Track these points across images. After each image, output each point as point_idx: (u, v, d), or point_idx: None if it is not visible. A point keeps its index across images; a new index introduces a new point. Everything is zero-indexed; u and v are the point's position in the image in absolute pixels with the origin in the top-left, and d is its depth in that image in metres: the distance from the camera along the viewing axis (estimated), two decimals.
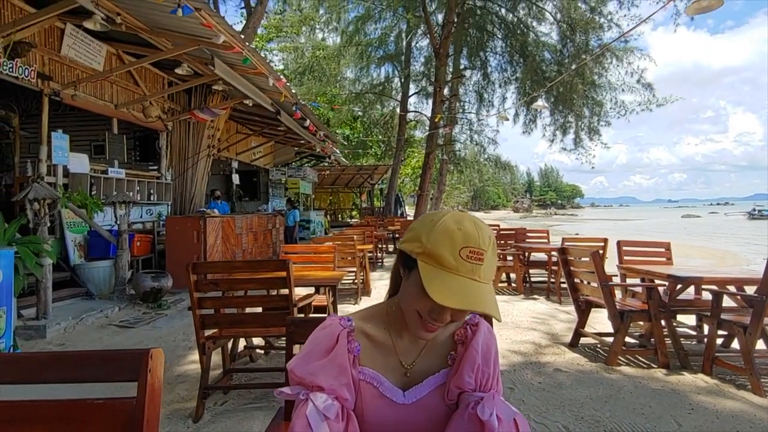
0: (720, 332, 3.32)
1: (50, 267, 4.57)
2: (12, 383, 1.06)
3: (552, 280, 6.07)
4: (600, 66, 15.83)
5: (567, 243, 5.88)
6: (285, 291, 2.73)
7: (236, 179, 12.49)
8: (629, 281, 4.27)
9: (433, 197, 18.67)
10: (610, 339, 3.52)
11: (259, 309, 3.09)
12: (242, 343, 3.52)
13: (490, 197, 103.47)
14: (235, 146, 12.08)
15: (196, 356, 3.43)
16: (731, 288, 3.55)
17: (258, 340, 3.72)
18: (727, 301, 3.35)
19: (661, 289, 3.61)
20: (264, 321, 2.76)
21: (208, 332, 2.75)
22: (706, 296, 3.70)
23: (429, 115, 17.81)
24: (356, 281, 6.09)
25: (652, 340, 3.49)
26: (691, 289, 3.96)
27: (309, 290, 3.83)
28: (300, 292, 3.71)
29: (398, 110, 20.21)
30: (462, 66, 18.86)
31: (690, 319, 4.16)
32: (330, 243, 4.91)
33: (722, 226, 36.32)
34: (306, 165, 18.49)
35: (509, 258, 6.76)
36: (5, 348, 3.34)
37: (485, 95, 19.14)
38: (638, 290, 4.12)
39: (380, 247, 9.80)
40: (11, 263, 3.65)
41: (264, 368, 3.36)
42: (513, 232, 7.54)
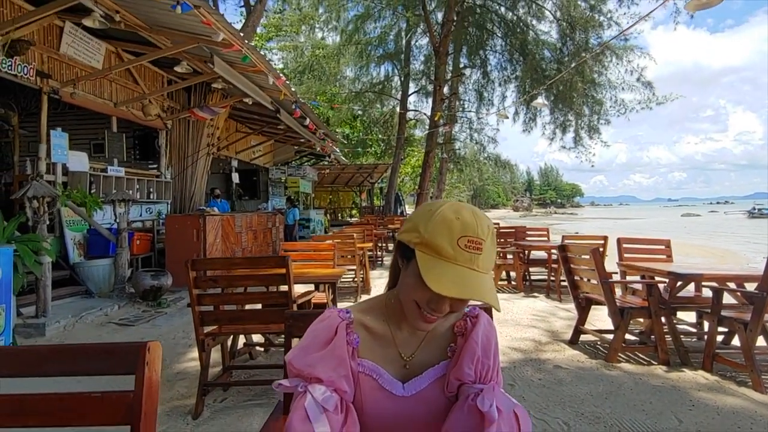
0: (720, 329, 3.32)
1: (49, 265, 4.57)
2: (10, 376, 1.05)
3: (552, 278, 6.07)
4: (600, 64, 15.83)
5: (567, 241, 5.88)
6: (284, 288, 2.73)
7: (236, 178, 12.47)
8: (629, 278, 4.27)
9: (433, 196, 18.66)
10: (610, 336, 3.52)
11: (259, 306, 3.09)
12: (242, 341, 3.51)
13: (490, 196, 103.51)
14: (235, 145, 12.06)
15: (196, 354, 3.43)
16: (731, 285, 3.55)
17: (257, 338, 3.72)
18: (727, 299, 3.35)
19: (662, 286, 3.60)
20: (263, 318, 2.76)
21: (208, 329, 2.74)
22: (706, 294, 3.70)
23: (429, 114, 17.81)
24: (356, 279, 6.09)
25: (653, 337, 3.49)
26: (691, 287, 3.96)
27: (309, 287, 3.83)
28: (300, 290, 3.71)
29: (398, 109, 20.20)
30: (462, 64, 18.86)
31: (690, 317, 4.16)
32: (330, 241, 4.91)
33: (722, 225, 36.28)
34: (306, 164, 18.47)
35: (509, 256, 6.76)
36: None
37: (485, 94, 19.18)
38: (638, 287, 4.11)
39: (380, 246, 9.80)
40: (10, 261, 3.64)
41: (263, 365, 3.36)
42: (513, 231, 7.53)
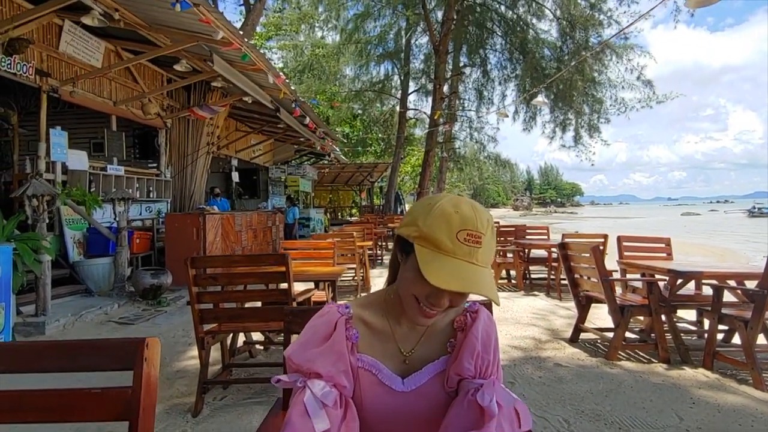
0: (720, 327, 3.31)
1: (49, 264, 4.56)
2: (8, 372, 1.05)
3: (552, 277, 6.07)
4: (600, 63, 15.83)
5: (567, 239, 5.87)
6: (284, 286, 2.72)
7: (236, 177, 12.46)
8: (629, 276, 4.26)
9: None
10: (611, 334, 3.51)
11: (258, 304, 3.08)
12: (241, 339, 3.51)
13: (490, 195, 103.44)
14: (235, 144, 12.05)
15: (196, 352, 3.43)
16: (732, 283, 3.55)
17: (257, 336, 3.71)
18: (727, 297, 3.34)
19: (662, 284, 3.60)
20: (263, 315, 2.75)
21: (207, 327, 2.74)
22: (707, 292, 3.70)
23: (429, 113, 17.79)
24: (356, 278, 6.09)
25: (653, 335, 3.48)
26: (692, 285, 3.96)
27: (309, 286, 3.83)
28: (299, 288, 3.70)
29: (398, 108, 20.17)
30: (462, 63, 18.85)
31: (690, 315, 4.16)
32: (330, 239, 4.90)
33: (722, 224, 36.25)
34: (306, 163, 18.46)
35: (509, 255, 6.75)
36: None
37: (485, 93, 19.15)
38: (638, 286, 4.11)
39: (380, 245, 9.79)
40: (9, 259, 3.64)
41: (263, 363, 3.36)
42: (513, 229, 7.52)
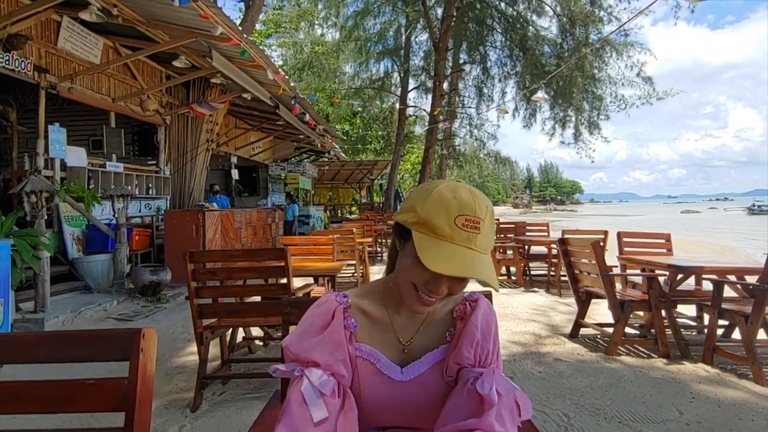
0: (720, 322, 3.31)
1: (48, 260, 4.55)
2: (4, 363, 1.04)
3: (552, 273, 6.06)
4: (600, 60, 15.80)
5: (568, 235, 5.86)
6: (283, 280, 2.71)
7: (235, 174, 12.45)
8: (629, 272, 4.26)
9: None
10: (610, 329, 3.51)
11: (257, 298, 3.07)
12: (241, 335, 3.50)
13: (490, 193, 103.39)
14: (234, 141, 12.04)
15: (195, 348, 3.42)
16: (732, 278, 3.54)
17: (257, 332, 3.70)
18: (727, 293, 3.33)
19: (662, 279, 3.59)
20: (262, 310, 2.74)
21: (206, 322, 2.73)
22: (707, 287, 3.69)
23: (428, 110, 17.76)
24: (356, 274, 6.08)
25: (653, 331, 3.48)
26: (692, 280, 3.95)
27: (308, 281, 3.82)
28: (299, 283, 3.69)
29: (397, 105, 20.14)
30: (461, 60, 18.81)
31: (690, 310, 4.15)
32: (329, 235, 4.89)
33: (722, 222, 36.24)
34: (305, 160, 18.43)
35: (509, 251, 6.74)
36: None
37: (485, 90, 19.13)
38: (638, 281, 4.10)
39: (380, 242, 9.78)
40: (8, 255, 3.63)
41: (262, 359, 3.35)
42: (513, 226, 7.52)
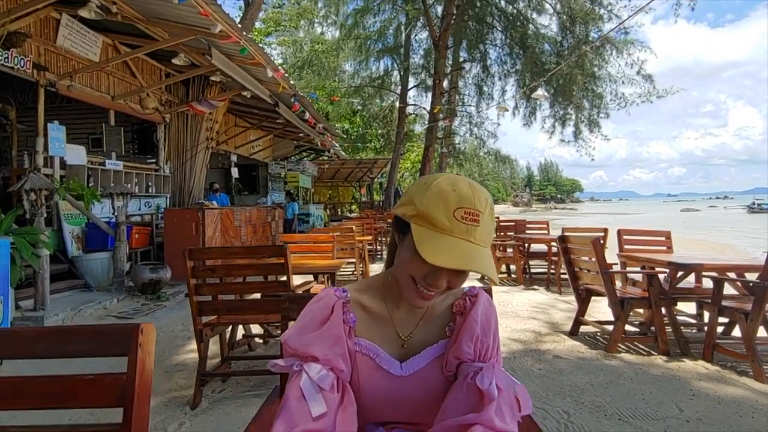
0: (720, 319, 3.30)
1: (47, 258, 4.54)
2: (2, 358, 1.03)
3: (552, 271, 6.05)
4: (600, 58, 15.78)
5: (568, 232, 5.85)
6: (283, 278, 2.71)
7: (235, 173, 12.43)
8: (629, 269, 4.25)
9: None
10: (610, 327, 3.50)
11: (257, 296, 3.07)
12: (240, 333, 3.49)
13: (490, 191, 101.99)
14: (234, 139, 12.02)
15: (195, 346, 3.41)
16: (732, 275, 3.53)
17: (256, 329, 3.70)
18: (727, 290, 3.33)
19: (662, 277, 3.59)
20: (262, 307, 2.74)
21: (206, 319, 2.73)
22: (707, 285, 3.69)
23: (428, 108, 17.74)
24: (355, 272, 6.08)
25: (653, 328, 3.47)
26: (692, 278, 3.95)
27: (308, 278, 3.81)
28: (299, 281, 3.69)
29: (397, 103, 20.11)
30: (461, 58, 18.78)
31: (690, 308, 4.14)
32: (329, 233, 4.89)
33: (721, 220, 36.22)
34: (305, 159, 18.41)
35: (509, 249, 6.74)
36: None
37: (485, 88, 19.09)
38: (638, 279, 4.10)
39: (380, 240, 9.77)
40: (7, 253, 3.63)
41: (262, 356, 3.35)
42: (513, 224, 7.52)
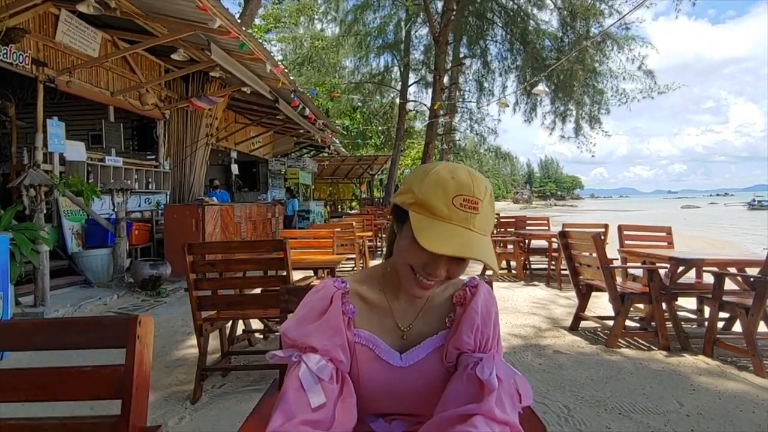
0: (721, 315, 3.30)
1: (47, 254, 4.54)
2: (2, 350, 1.03)
3: (552, 267, 6.05)
4: (601, 53, 15.70)
5: (568, 228, 5.85)
6: (283, 272, 2.70)
7: (235, 169, 12.40)
8: (630, 264, 4.24)
9: None
10: (611, 322, 3.50)
11: (257, 291, 3.07)
12: (240, 328, 3.49)
13: None
14: (234, 136, 12.00)
15: (195, 341, 3.41)
16: (732, 270, 3.53)
17: (256, 325, 3.70)
18: (728, 286, 3.32)
19: (662, 272, 3.58)
20: (262, 302, 2.73)
21: (206, 314, 2.72)
22: (707, 280, 3.68)
23: (429, 105, 17.69)
24: (356, 268, 6.08)
25: (653, 323, 3.47)
26: (692, 273, 3.94)
27: (308, 274, 3.81)
28: (299, 277, 3.68)
29: (398, 100, 20.04)
30: (462, 54, 18.68)
31: (690, 303, 4.14)
32: (329, 229, 4.88)
33: (722, 217, 36.18)
34: (305, 155, 18.39)
35: (509, 245, 6.73)
36: None
37: (485, 84, 18.99)
38: (639, 274, 4.09)
39: (380, 236, 9.76)
40: (7, 249, 3.62)
41: (262, 351, 3.34)
42: (513, 220, 7.51)
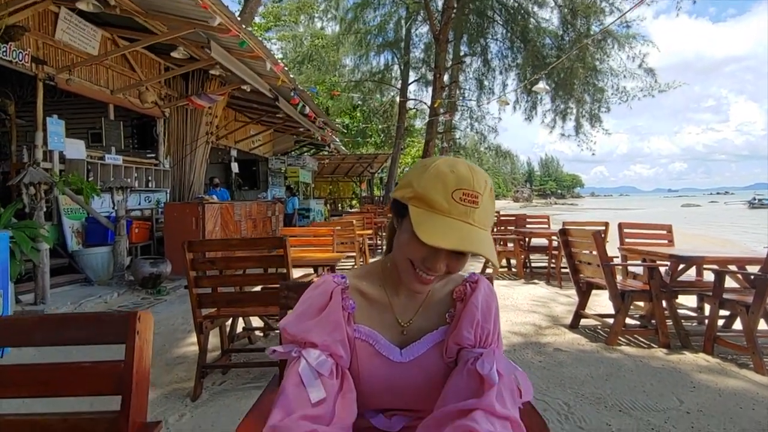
0: (721, 312, 3.30)
1: (47, 252, 4.54)
2: (3, 346, 1.03)
3: (552, 265, 6.05)
4: (601, 51, 15.67)
5: (568, 226, 5.84)
6: (283, 270, 2.70)
7: (235, 168, 12.39)
8: (630, 262, 4.24)
9: None
10: (611, 320, 3.50)
11: (257, 288, 3.07)
12: (240, 326, 3.49)
13: None
14: (234, 134, 11.98)
15: (195, 339, 3.41)
16: (733, 268, 3.52)
17: (256, 323, 3.70)
18: (728, 284, 3.32)
19: (663, 270, 3.58)
20: (262, 299, 2.73)
21: (206, 312, 2.72)
22: (708, 278, 3.68)
23: (429, 103, 17.67)
24: (356, 266, 6.08)
25: (653, 321, 3.47)
26: (692, 271, 3.94)
27: (308, 271, 3.81)
28: (299, 274, 3.67)
29: (398, 98, 20.02)
30: (462, 52, 18.66)
31: (690, 301, 4.14)
32: (329, 227, 4.88)
33: (722, 215, 36.18)
34: (305, 154, 18.37)
35: (510, 243, 6.73)
36: None
37: (485, 82, 18.96)
38: (639, 272, 4.09)
39: (380, 234, 9.76)
40: (6, 247, 3.62)
41: (262, 348, 3.34)
42: (513, 218, 7.50)
